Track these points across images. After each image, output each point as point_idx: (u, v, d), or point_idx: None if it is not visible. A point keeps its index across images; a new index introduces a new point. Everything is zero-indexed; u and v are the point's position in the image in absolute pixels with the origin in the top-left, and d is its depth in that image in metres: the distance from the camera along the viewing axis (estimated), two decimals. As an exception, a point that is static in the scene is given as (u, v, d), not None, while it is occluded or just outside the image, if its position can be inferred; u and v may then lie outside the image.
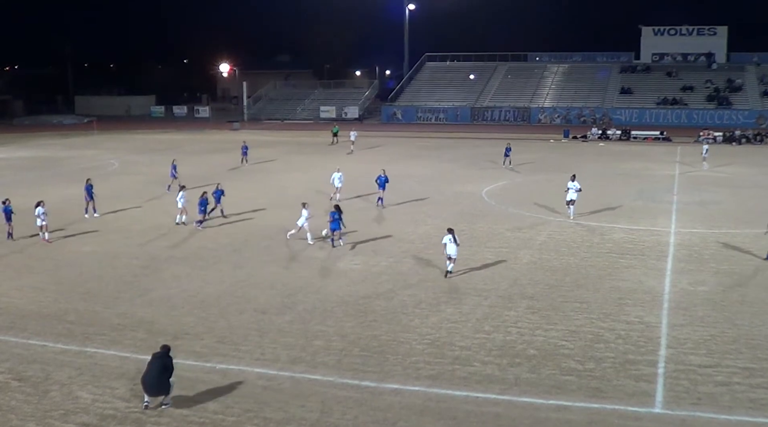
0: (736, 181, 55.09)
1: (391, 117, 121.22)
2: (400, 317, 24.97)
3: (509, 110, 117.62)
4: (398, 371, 20.53)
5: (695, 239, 36.51)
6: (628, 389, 19.41)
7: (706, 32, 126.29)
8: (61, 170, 62.55)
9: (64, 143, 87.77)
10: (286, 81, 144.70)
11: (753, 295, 27.45)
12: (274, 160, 67.39)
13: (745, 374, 20.30)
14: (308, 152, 76.43)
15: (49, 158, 72.04)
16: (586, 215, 41.16)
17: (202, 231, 38.07)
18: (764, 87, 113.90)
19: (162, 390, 18.19)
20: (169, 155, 70.68)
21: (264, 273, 30.46)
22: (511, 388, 19.49)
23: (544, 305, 26.19)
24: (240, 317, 24.99)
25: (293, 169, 62.07)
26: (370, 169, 54.55)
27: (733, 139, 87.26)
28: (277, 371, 20.53)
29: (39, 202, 35.69)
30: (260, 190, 50.33)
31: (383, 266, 31.44)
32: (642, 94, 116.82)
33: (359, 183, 50.30)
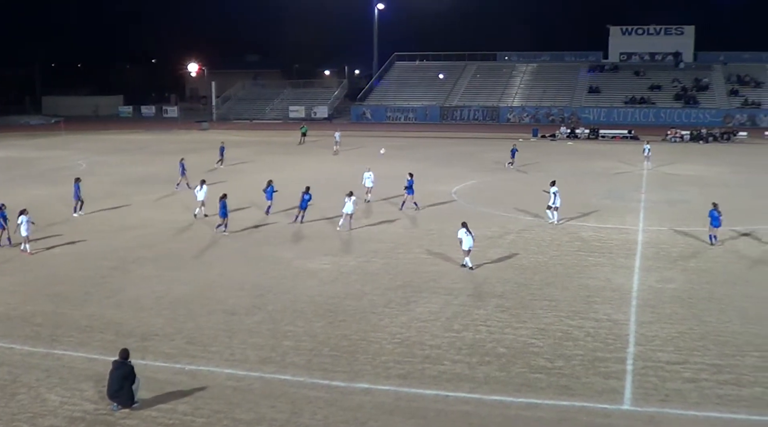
0: (703, 180, 55.58)
1: (361, 117, 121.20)
2: (369, 317, 24.98)
3: (478, 110, 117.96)
4: (368, 371, 20.53)
5: (663, 237, 36.81)
6: (597, 387, 19.52)
7: (673, 32, 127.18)
8: (29, 171, 61.99)
9: (31, 144, 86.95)
10: (254, 81, 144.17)
11: (720, 292, 27.69)
12: (251, 161, 67.01)
13: (712, 370, 20.47)
14: (278, 152, 76.29)
15: (17, 159, 71.37)
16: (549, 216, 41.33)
17: (180, 233, 37.92)
18: (731, 86, 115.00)
19: (126, 400, 18.09)
20: (138, 155, 70.63)
21: (234, 274, 30.35)
22: (481, 386, 19.55)
23: (514, 304, 26.29)
24: (209, 318, 24.88)
25: (267, 169, 61.81)
26: (343, 169, 54.49)
27: (701, 138, 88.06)
28: (246, 372, 20.47)
29: (22, 210, 34.08)
30: (234, 190, 50.07)
31: (353, 266, 31.44)
32: (610, 93, 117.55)
33: (336, 184, 50.29)
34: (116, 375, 18.06)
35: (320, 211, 41.11)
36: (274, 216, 41.26)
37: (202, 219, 40.86)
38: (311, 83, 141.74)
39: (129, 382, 18.10)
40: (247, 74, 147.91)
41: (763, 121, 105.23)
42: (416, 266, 31.26)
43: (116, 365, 18.27)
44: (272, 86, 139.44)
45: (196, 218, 41.21)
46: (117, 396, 18.07)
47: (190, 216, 41.44)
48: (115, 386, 18.02)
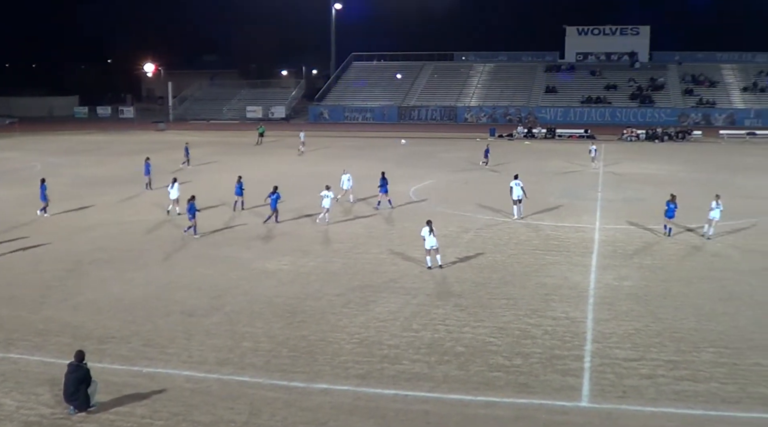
0: (658, 178, 56.15)
1: (318, 117, 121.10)
2: (328, 317, 24.95)
3: (436, 109, 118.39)
4: (327, 371, 20.51)
5: (619, 234, 37.16)
6: (555, 384, 19.66)
7: (629, 32, 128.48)
8: (-19, 173, 61.20)
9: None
10: (212, 81, 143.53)
11: (676, 289, 28.01)
12: (215, 161, 66.65)
13: (669, 366, 20.70)
14: (238, 153, 75.97)
15: (-31, 161, 70.37)
16: (510, 214, 41.56)
17: (140, 234, 37.63)
18: (686, 85, 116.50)
19: (83, 404, 17.92)
20: (95, 156, 69.98)
21: (191, 274, 30.17)
22: (440, 385, 19.61)
23: (472, 303, 26.40)
24: (167, 320, 24.72)
25: (233, 169, 61.57)
26: (310, 170, 54.41)
27: (656, 137, 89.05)
28: (204, 374, 20.36)
29: None
30: (201, 191, 49.75)
31: (312, 266, 31.38)
32: (566, 93, 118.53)
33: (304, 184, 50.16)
34: (72, 378, 17.87)
35: (285, 213, 40.97)
36: (243, 217, 41.15)
37: (175, 217, 41.05)
38: (269, 83, 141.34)
39: (85, 385, 17.93)
40: (204, 74, 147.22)
41: (717, 121, 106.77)
42: (375, 266, 31.28)
43: (72, 367, 18.08)
44: (229, 86, 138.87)
45: (169, 215, 41.70)
46: (74, 399, 17.89)
47: (153, 217, 41.41)
48: (72, 389, 17.84)
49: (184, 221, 38.49)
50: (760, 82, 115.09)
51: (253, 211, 42.62)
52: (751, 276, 29.72)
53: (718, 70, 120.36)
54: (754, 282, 28.89)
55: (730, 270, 30.68)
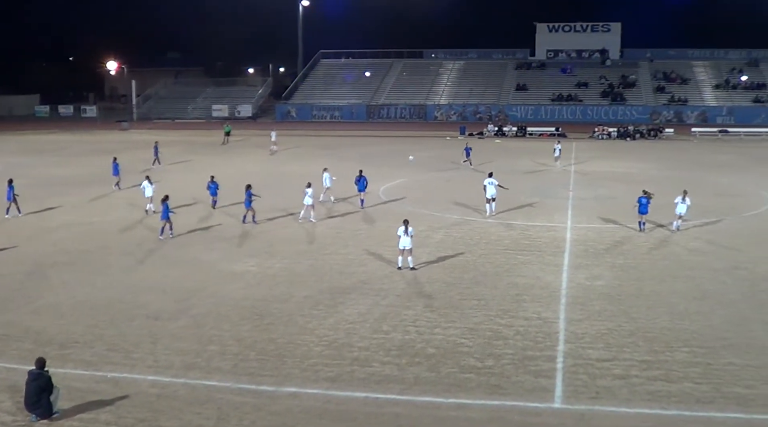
0: (630, 177, 56.49)
1: (286, 115, 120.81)
2: (297, 319, 24.89)
3: (405, 108, 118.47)
4: (296, 374, 20.46)
5: (591, 233, 37.36)
6: (527, 385, 19.72)
7: (600, 29, 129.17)
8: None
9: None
10: (176, 79, 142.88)
11: (648, 288, 28.20)
12: (184, 161, 66.13)
13: (642, 366, 20.83)
14: (206, 152, 75.50)
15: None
16: (483, 212, 41.70)
17: (105, 235, 37.35)
18: (657, 83, 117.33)
19: (45, 411, 17.75)
20: (58, 157, 69.43)
21: (156, 277, 29.99)
22: (411, 388, 19.61)
23: (443, 304, 26.43)
24: (131, 324, 24.55)
25: (204, 169, 61.30)
26: (282, 169, 54.23)
27: (628, 135, 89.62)
28: (171, 378, 20.23)
29: None
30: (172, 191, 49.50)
31: (279, 268, 31.30)
32: (537, 90, 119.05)
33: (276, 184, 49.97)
34: (33, 386, 17.69)
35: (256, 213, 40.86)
36: (214, 218, 40.99)
37: (152, 216, 41.03)
38: (235, 81, 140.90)
39: (47, 393, 17.74)
40: (169, 72, 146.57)
41: (689, 118, 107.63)
42: (344, 267, 31.26)
43: (33, 375, 17.89)
44: (194, 84, 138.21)
45: (147, 214, 41.86)
46: (35, 407, 17.70)
47: (121, 218, 41.39)
48: (33, 397, 17.66)
49: (158, 222, 38.32)
50: (732, 79, 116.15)
51: (226, 211, 42.63)
52: (725, 274, 29.99)
53: (690, 68, 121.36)
54: (727, 280, 29.16)
55: (703, 268, 30.95)
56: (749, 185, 52.54)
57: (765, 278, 29.41)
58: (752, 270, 30.60)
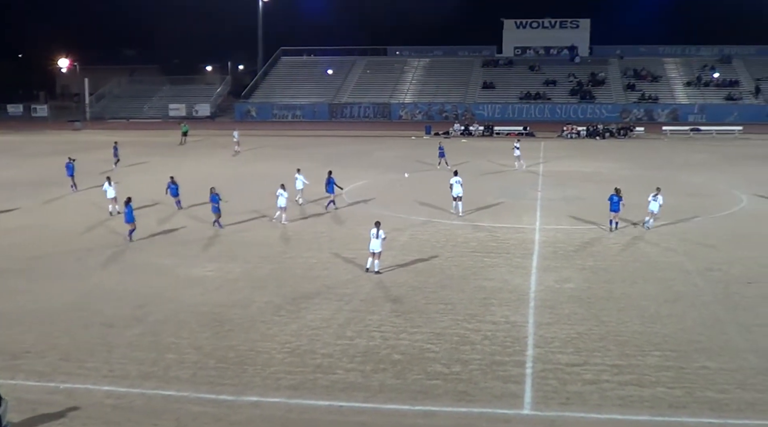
0: (600, 176, 56.84)
1: (245, 115, 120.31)
2: (258, 326, 24.83)
3: (369, 106, 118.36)
4: (257, 383, 20.41)
5: (560, 235, 37.57)
6: (495, 391, 19.80)
7: (568, 25, 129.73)
8: None
9: None
10: (131, 77, 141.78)
11: (619, 291, 28.42)
12: (144, 162, 65.64)
13: (613, 371, 20.99)
14: (161, 153, 74.95)
15: None
16: (449, 214, 41.82)
17: (58, 240, 37.00)
18: (627, 80, 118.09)
19: None
20: (7, 158, 68.59)
21: (111, 283, 29.79)
22: (376, 395, 19.63)
23: (408, 308, 26.48)
24: (86, 332, 24.37)
25: (165, 170, 60.92)
26: (246, 170, 53.92)
27: (597, 134, 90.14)
28: (127, 388, 20.11)
29: None
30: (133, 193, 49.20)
31: (239, 272, 31.20)
32: (504, 88, 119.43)
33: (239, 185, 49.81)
34: (-20, 398, 17.49)
35: (206, 215, 40.71)
36: (174, 220, 40.74)
37: (116, 216, 41.20)
38: (192, 79, 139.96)
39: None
40: (123, 70, 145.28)
41: (660, 116, 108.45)
42: (306, 271, 31.22)
43: (-20, 386, 17.69)
44: (150, 83, 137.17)
45: (111, 215, 41.93)
46: (-19, 422, 17.51)
47: (76, 221, 41.22)
48: (-20, 409, 17.45)
49: (119, 223, 38.10)
50: (704, 76, 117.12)
51: (186, 213, 42.69)
52: (697, 276, 30.28)
53: (661, 65, 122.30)
54: (699, 282, 29.44)
55: (675, 270, 31.23)
56: (721, 184, 53.06)
57: (739, 280, 29.74)
58: (726, 271, 30.91)
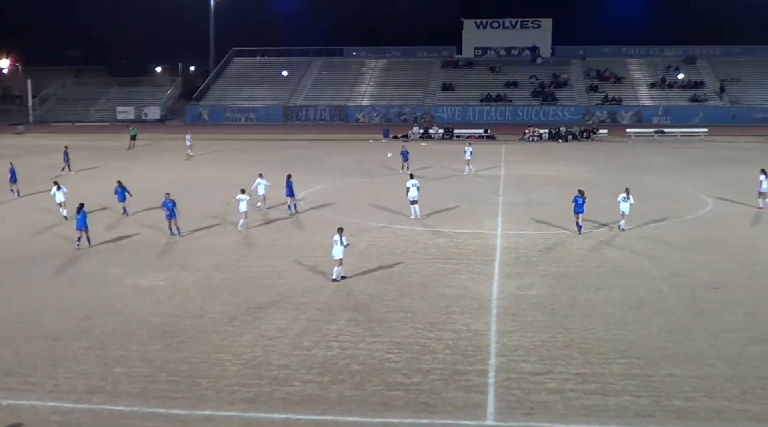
0: (563, 180, 57.15)
1: (197, 118, 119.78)
2: (211, 337, 24.70)
3: (325, 109, 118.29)
4: (211, 396, 20.29)
5: (523, 240, 37.74)
6: (458, 402, 19.83)
7: (530, 25, 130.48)
8: None
9: None
10: (77, 78, 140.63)
11: (583, 297, 28.58)
12: (95, 167, 65.02)
13: (578, 380, 21.10)
14: (109, 158, 74.18)
15: None
16: (407, 219, 41.88)
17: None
18: (590, 82, 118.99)
19: None
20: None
21: (56, 294, 29.48)
22: (335, 407, 19.59)
23: (367, 317, 26.47)
24: (29, 345, 24.08)
25: (115, 176, 60.41)
26: (199, 175, 53.60)
27: (559, 137, 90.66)
28: (73, 404, 19.91)
29: None
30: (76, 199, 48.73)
31: (191, 282, 31.02)
32: (464, 90, 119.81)
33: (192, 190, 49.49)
34: None
35: (155, 221, 40.43)
36: (122, 228, 40.38)
37: (64, 222, 41.31)
38: (141, 81, 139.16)
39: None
40: (69, 71, 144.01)
41: (624, 118, 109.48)
42: (261, 280, 31.11)
43: None
44: (97, 84, 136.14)
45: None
46: None
47: (18, 229, 41.00)
48: None
49: (69, 230, 37.77)
50: (669, 77, 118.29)
51: (136, 219, 42.45)
52: (662, 282, 30.53)
53: (625, 65, 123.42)
54: (664, 288, 29.69)
55: (640, 276, 31.48)
56: (687, 188, 53.59)
57: (704, 285, 30.03)
58: (692, 277, 31.19)
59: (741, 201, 46.42)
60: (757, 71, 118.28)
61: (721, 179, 57.05)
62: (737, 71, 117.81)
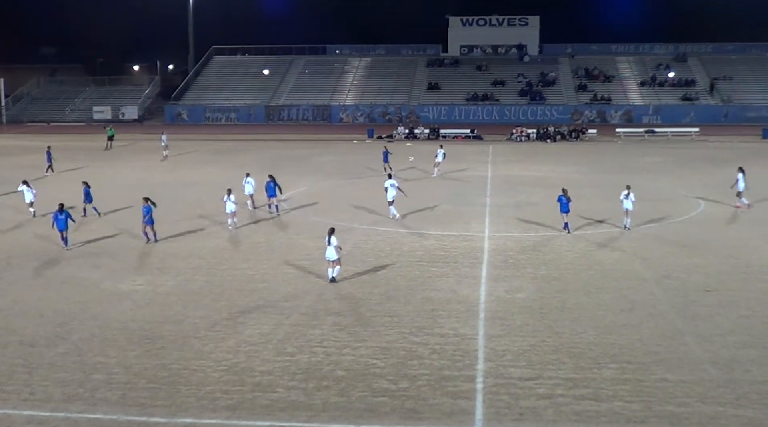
0: (551, 181, 57.20)
1: (176, 118, 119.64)
2: (192, 342, 24.63)
3: (308, 109, 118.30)
4: (192, 403, 20.22)
5: (511, 243, 37.78)
6: (445, 408, 19.82)
7: (517, 22, 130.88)
8: None
9: None
10: (51, 77, 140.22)
11: (573, 300, 28.62)
12: (78, 168, 64.92)
13: (568, 385, 21.11)
14: (87, 159, 74.00)
15: None
16: (393, 221, 41.91)
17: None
18: (579, 80, 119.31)
19: None
20: None
21: (31, 299, 29.33)
22: (319, 414, 19.55)
23: (352, 321, 26.45)
24: (3, 352, 23.95)
25: (73, 178, 60.25)
26: (176, 176, 53.54)
27: (548, 137, 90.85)
28: (50, 412, 19.80)
29: None
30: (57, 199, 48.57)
31: (171, 286, 30.95)
32: (450, 89, 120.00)
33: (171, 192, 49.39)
34: None
35: (132, 224, 40.32)
36: (95, 230, 40.22)
37: (33, 221, 42.28)
38: (118, 80, 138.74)
39: None
40: (43, 70, 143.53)
41: (613, 118, 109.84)
42: (243, 284, 31.04)
43: None
44: (72, 83, 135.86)
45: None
46: None
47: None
48: None
49: (44, 231, 37.71)
50: (659, 75, 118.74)
51: (111, 222, 42.34)
52: (654, 284, 30.60)
53: (614, 64, 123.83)
54: (656, 291, 29.75)
55: (630, 279, 31.53)
56: (678, 189, 53.78)
57: (697, 288, 30.10)
58: (684, 279, 31.27)
59: (733, 202, 46.53)
60: (750, 69, 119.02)
61: (713, 180, 57.19)
62: (729, 69, 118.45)
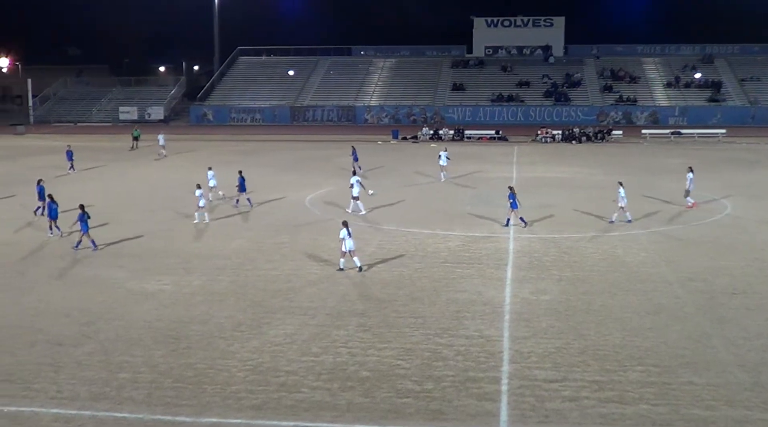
0: (575, 183, 57.10)
1: (201, 118, 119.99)
2: (217, 342, 24.69)
3: (332, 109, 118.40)
4: (217, 403, 20.27)
5: (535, 244, 37.67)
6: (470, 410, 19.79)
7: (542, 23, 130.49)
8: None
9: None
10: (78, 78, 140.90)
11: (598, 302, 28.51)
12: (98, 167, 65.32)
13: (593, 387, 21.03)
14: (112, 158, 74.46)
15: None
16: (417, 223, 41.87)
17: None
18: (604, 81, 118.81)
19: None
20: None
21: (57, 298, 29.50)
22: (344, 414, 19.56)
23: (377, 322, 26.44)
24: (31, 351, 24.10)
25: (113, 176, 60.53)
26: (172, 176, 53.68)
27: (573, 138, 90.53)
28: (77, 411, 19.90)
29: None
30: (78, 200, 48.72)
31: (196, 286, 31.03)
32: (475, 90, 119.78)
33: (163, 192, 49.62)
34: None
35: (165, 225, 40.44)
36: (114, 232, 40.40)
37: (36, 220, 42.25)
38: (144, 81, 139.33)
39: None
40: (70, 70, 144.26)
41: (639, 119, 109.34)
42: (267, 284, 31.09)
43: None
44: (99, 84, 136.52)
45: (36, 215, 44.03)
46: None
47: (11, 231, 41.07)
48: None
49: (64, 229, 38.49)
50: (685, 76, 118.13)
51: (135, 222, 42.22)
52: (679, 287, 30.45)
53: (640, 65, 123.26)
54: (681, 293, 29.60)
55: (655, 281, 31.37)
56: (703, 191, 53.36)
57: (724, 291, 29.92)
58: (710, 282, 31.10)
59: (760, 205, 46.25)
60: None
61: (740, 182, 56.94)
62: (757, 70, 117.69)
